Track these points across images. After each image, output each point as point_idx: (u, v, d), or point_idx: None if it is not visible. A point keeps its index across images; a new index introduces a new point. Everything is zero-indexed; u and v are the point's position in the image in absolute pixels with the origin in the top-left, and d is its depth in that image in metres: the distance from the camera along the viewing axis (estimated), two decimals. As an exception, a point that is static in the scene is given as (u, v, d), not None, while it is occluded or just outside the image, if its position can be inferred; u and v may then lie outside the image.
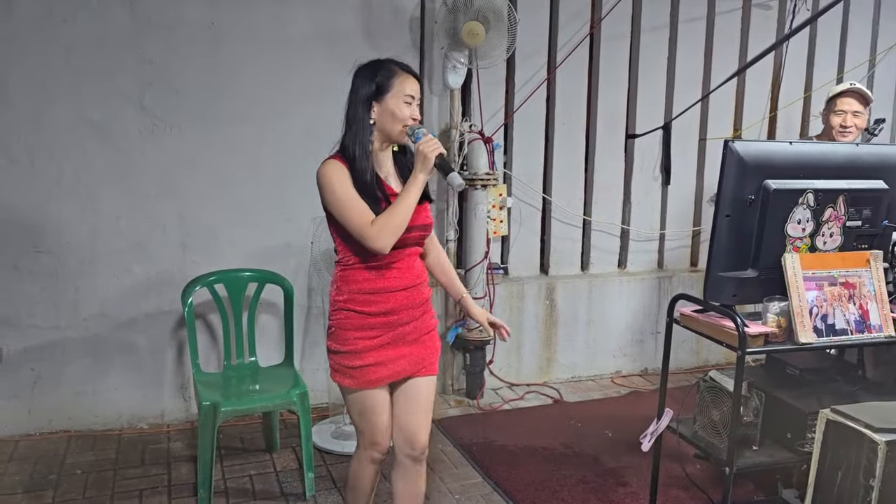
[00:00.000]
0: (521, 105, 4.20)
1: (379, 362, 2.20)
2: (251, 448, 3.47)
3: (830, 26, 4.87)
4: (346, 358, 2.21)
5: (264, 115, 3.68)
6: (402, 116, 2.13)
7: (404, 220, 2.09)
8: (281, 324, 3.56)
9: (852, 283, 2.43)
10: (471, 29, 3.65)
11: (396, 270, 2.20)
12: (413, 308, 2.24)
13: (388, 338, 2.21)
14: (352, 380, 2.22)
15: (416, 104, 2.17)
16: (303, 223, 3.68)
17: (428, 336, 2.31)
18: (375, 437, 2.28)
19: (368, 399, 2.24)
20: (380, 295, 2.19)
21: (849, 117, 3.39)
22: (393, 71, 2.16)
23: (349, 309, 2.20)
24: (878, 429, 1.93)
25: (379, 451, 2.31)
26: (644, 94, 4.50)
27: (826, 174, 2.45)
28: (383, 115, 2.14)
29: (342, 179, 2.11)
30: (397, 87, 2.13)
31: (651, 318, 4.60)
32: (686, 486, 3.06)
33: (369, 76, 2.16)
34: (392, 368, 2.23)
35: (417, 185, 2.10)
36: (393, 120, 2.14)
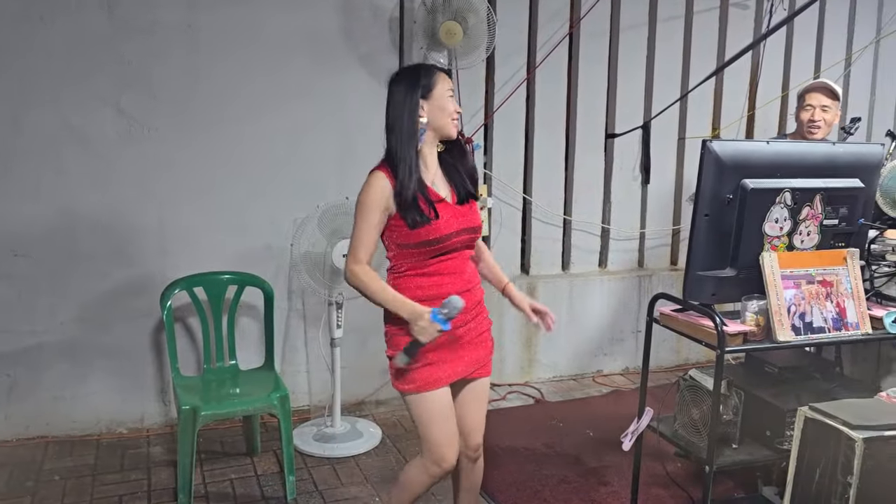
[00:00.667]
0: (500, 105, 4.20)
1: (436, 361, 2.19)
2: (232, 452, 3.44)
3: (807, 26, 4.92)
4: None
5: (244, 117, 3.65)
6: (450, 110, 2.21)
7: (366, 293, 2.16)
8: (261, 326, 3.54)
9: (829, 282, 2.45)
10: (448, 29, 3.64)
11: (448, 276, 2.21)
12: (468, 311, 2.22)
13: (443, 340, 2.17)
14: (412, 383, 2.19)
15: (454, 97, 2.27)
16: (283, 225, 3.66)
17: (482, 337, 2.34)
18: (441, 448, 2.20)
19: (432, 402, 2.19)
20: (433, 301, 2.14)
21: (817, 112, 3.41)
22: (433, 71, 2.25)
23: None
24: (855, 426, 1.95)
25: (444, 467, 2.22)
26: (623, 93, 4.52)
27: (803, 173, 2.47)
28: (434, 111, 2.20)
29: (376, 201, 2.15)
30: (440, 84, 2.21)
31: (632, 317, 4.62)
32: (667, 485, 3.07)
33: (413, 80, 2.21)
34: (451, 368, 2.23)
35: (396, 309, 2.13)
36: (443, 114, 2.21)
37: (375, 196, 2.15)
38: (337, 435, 3.52)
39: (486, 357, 2.34)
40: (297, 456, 3.33)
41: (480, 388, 2.36)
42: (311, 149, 3.78)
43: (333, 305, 3.47)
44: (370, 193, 2.16)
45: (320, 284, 3.39)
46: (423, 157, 2.23)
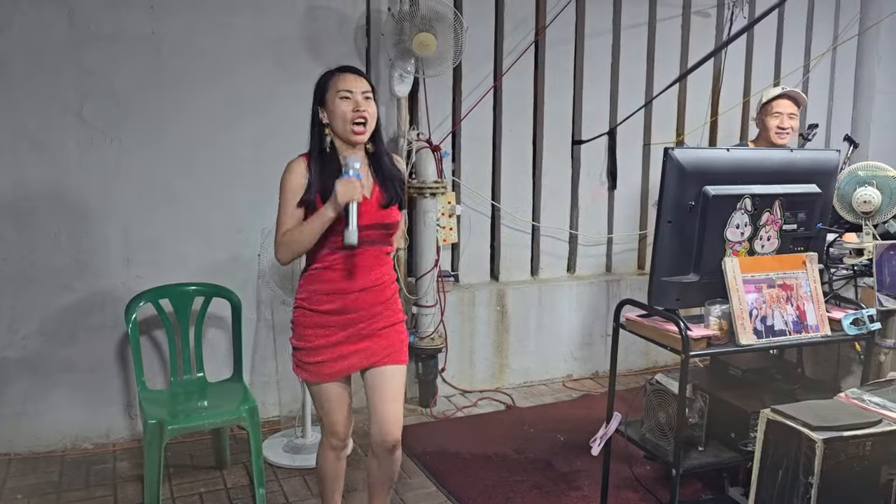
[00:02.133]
0: (468, 113, 4.22)
1: (333, 358, 2.32)
2: (200, 465, 3.40)
3: (766, 34, 5.02)
4: (303, 354, 2.36)
5: (209, 125, 3.62)
6: (340, 112, 2.24)
7: (302, 245, 2.24)
8: (229, 338, 3.51)
9: (789, 285, 2.51)
10: (421, 40, 3.64)
11: (354, 270, 2.29)
12: (372, 307, 2.33)
13: (342, 335, 2.32)
14: (308, 374, 2.36)
15: (361, 97, 2.25)
16: (251, 235, 3.63)
17: (392, 329, 2.39)
18: (332, 426, 2.42)
19: (324, 392, 2.37)
20: (336, 295, 2.30)
21: (785, 119, 3.52)
22: (329, 74, 2.31)
23: (306, 307, 2.34)
24: (815, 427, 1.99)
25: (337, 439, 2.43)
26: (589, 100, 4.57)
27: (762, 179, 2.53)
28: (330, 116, 2.27)
29: (293, 184, 2.27)
30: (332, 87, 2.26)
31: (601, 322, 4.66)
32: (636, 488, 3.11)
33: (315, 90, 2.33)
34: (347, 363, 2.34)
35: (322, 219, 2.20)
36: (336, 118, 2.25)
37: (292, 178, 2.27)
38: (307, 445, 3.50)
39: (394, 346, 2.39)
40: (268, 468, 3.30)
41: (389, 374, 2.39)
42: (278, 157, 3.67)
43: (302, 315, 3.45)
44: (288, 178, 2.28)
45: (289, 294, 3.36)
46: (342, 155, 2.28)
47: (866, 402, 2.18)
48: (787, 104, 3.54)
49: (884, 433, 2.03)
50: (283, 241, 2.25)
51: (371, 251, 2.31)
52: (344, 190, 2.15)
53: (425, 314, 4.01)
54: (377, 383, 2.39)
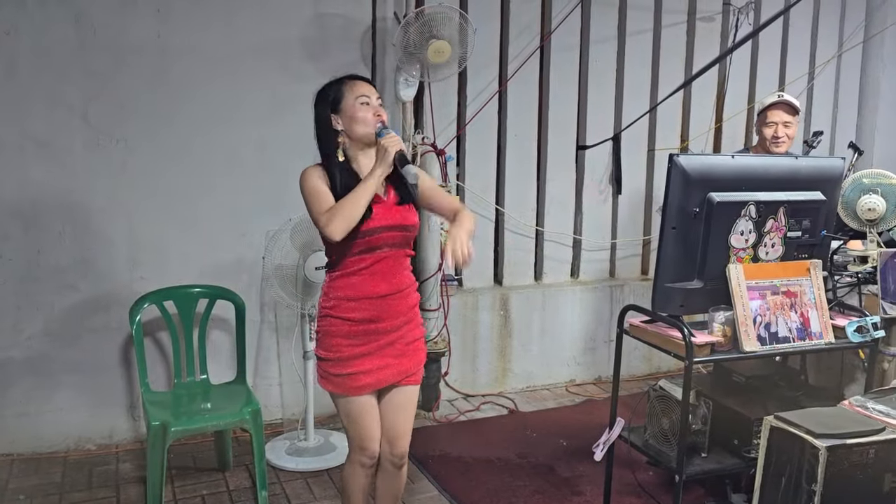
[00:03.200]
0: (473, 117, 4.23)
1: (363, 371, 2.27)
2: (203, 467, 3.40)
3: (771, 40, 5.02)
4: (331, 365, 2.29)
5: (215, 128, 3.63)
6: (362, 117, 2.24)
7: (357, 208, 2.16)
8: (233, 340, 3.51)
9: (794, 292, 2.51)
10: (437, 48, 3.64)
11: (379, 276, 2.27)
12: (397, 317, 2.30)
13: (372, 346, 2.28)
14: (336, 386, 2.30)
15: (377, 103, 2.28)
16: (256, 238, 3.64)
17: (413, 346, 2.37)
18: (363, 441, 2.35)
19: (355, 405, 2.31)
20: (362, 301, 2.26)
21: (780, 128, 3.50)
22: (341, 82, 2.31)
23: (333, 315, 2.28)
24: (819, 434, 1.99)
25: (368, 455, 2.37)
26: (594, 105, 4.57)
27: (767, 186, 2.53)
28: (347, 122, 2.26)
29: (315, 179, 2.24)
30: (348, 93, 2.26)
31: (604, 327, 4.66)
32: (638, 493, 3.10)
33: (324, 97, 2.31)
34: (376, 377, 2.29)
35: (375, 177, 2.18)
36: (356, 122, 2.25)
37: (314, 178, 2.24)
38: (310, 448, 3.50)
39: (415, 367, 2.38)
40: (270, 470, 3.31)
41: (407, 396, 2.40)
42: (284, 161, 3.75)
43: (306, 318, 3.46)
44: (310, 179, 2.25)
45: (293, 297, 3.38)
46: (357, 162, 2.30)
47: (870, 410, 2.18)
48: (781, 113, 3.50)
49: (887, 441, 2.03)
50: (335, 211, 2.16)
51: (392, 255, 2.29)
52: (389, 142, 2.17)
53: (429, 318, 4.01)
54: (396, 402, 2.38)
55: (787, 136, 3.50)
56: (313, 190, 2.23)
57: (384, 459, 2.42)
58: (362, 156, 2.31)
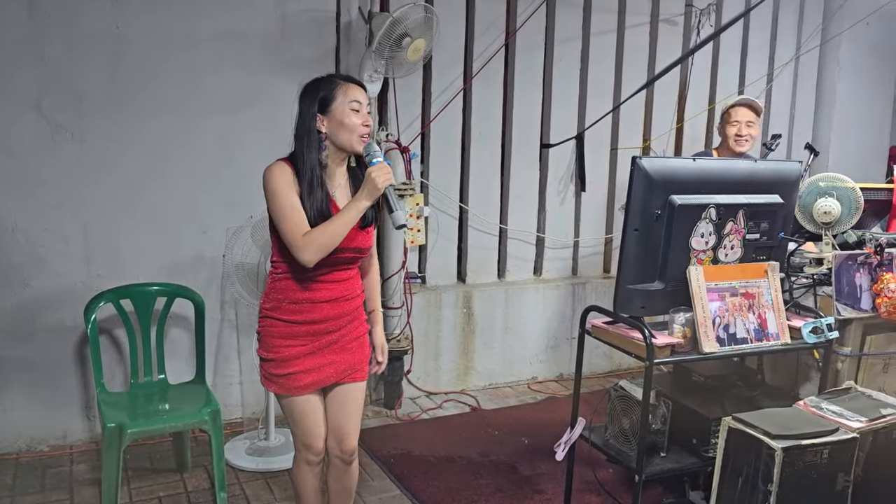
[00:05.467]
0: (437, 114, 4.21)
1: (304, 370, 2.24)
2: (161, 468, 3.34)
3: (732, 42, 5.10)
4: (272, 366, 2.26)
5: (175, 122, 3.55)
6: (351, 124, 2.14)
7: (335, 239, 2.09)
8: (192, 339, 3.45)
9: (752, 294, 2.54)
10: (416, 46, 3.61)
11: (327, 284, 2.23)
12: (339, 318, 2.27)
13: (313, 346, 2.25)
14: (278, 386, 2.27)
15: (366, 111, 2.19)
16: (216, 234, 3.58)
17: (356, 343, 2.34)
18: (307, 439, 2.33)
19: (297, 405, 2.29)
20: (305, 305, 2.22)
21: (743, 127, 3.59)
22: (334, 82, 2.19)
23: (274, 317, 2.25)
24: (775, 436, 2.03)
25: (313, 453, 2.35)
26: (558, 104, 4.59)
27: (727, 189, 2.56)
28: (333, 126, 2.15)
29: (284, 185, 2.12)
30: (341, 96, 2.15)
31: (566, 325, 4.69)
32: (599, 492, 3.14)
33: (312, 92, 2.19)
34: (318, 375, 2.27)
35: (358, 209, 2.10)
36: (343, 129, 2.15)
37: (282, 177, 2.13)
38: (270, 448, 3.46)
39: (359, 363, 2.35)
40: (230, 470, 3.27)
41: (353, 392, 2.37)
42: (246, 156, 3.70)
43: (267, 316, 3.41)
44: (275, 178, 2.13)
45: (253, 295, 3.33)
46: (331, 173, 2.21)
47: (824, 411, 2.23)
48: (745, 112, 3.60)
49: (840, 441, 2.08)
50: (310, 241, 2.08)
51: (342, 269, 2.25)
52: (380, 176, 2.06)
53: (392, 316, 4.00)
54: (341, 399, 2.35)
55: (749, 136, 3.58)
56: (283, 200, 2.11)
57: (333, 457, 2.40)
58: (337, 168, 2.22)
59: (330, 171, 2.21)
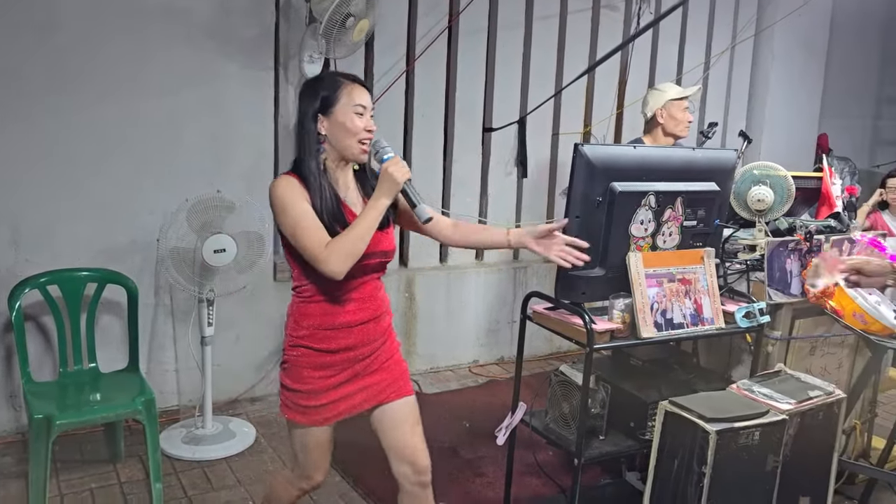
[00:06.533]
0: (380, 97, 4.15)
1: (334, 400, 2.09)
2: (92, 459, 3.24)
3: (670, 31, 5.18)
4: (300, 397, 2.08)
5: (107, 102, 3.41)
6: (354, 128, 1.98)
7: (361, 244, 1.94)
8: (125, 325, 3.34)
9: (688, 280, 2.60)
10: (361, 27, 3.54)
11: (358, 303, 2.08)
12: (373, 341, 2.13)
13: (347, 374, 2.09)
14: (304, 417, 2.10)
15: (370, 115, 2.04)
16: (149, 218, 3.47)
17: (392, 360, 2.19)
18: (311, 471, 2.19)
19: (314, 436, 2.13)
20: (340, 331, 2.06)
21: (688, 114, 3.68)
22: (338, 82, 2.02)
23: (307, 346, 2.07)
24: (709, 419, 2.08)
25: (312, 485, 2.22)
26: (500, 88, 4.59)
27: (666, 177, 2.59)
28: (334, 129, 2.00)
29: (295, 196, 1.96)
30: (344, 97, 1.99)
31: (507, 308, 4.73)
32: (539, 474, 3.18)
33: (313, 91, 2.03)
34: (349, 402, 2.11)
35: (378, 210, 1.95)
36: (345, 133, 1.99)
37: (290, 191, 1.96)
38: (208, 436, 3.39)
39: (399, 378, 2.19)
40: (165, 460, 3.19)
41: (404, 407, 2.19)
42: (180, 137, 3.59)
43: (204, 302, 3.33)
44: (283, 192, 1.96)
45: (190, 281, 3.24)
46: (333, 175, 2.05)
47: (755, 394, 2.30)
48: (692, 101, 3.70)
49: (770, 423, 2.15)
50: (336, 250, 1.91)
51: (370, 281, 2.11)
52: (397, 170, 1.93)
53: (333, 301, 3.95)
54: (396, 419, 2.18)
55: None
56: (300, 215, 1.94)
57: (407, 484, 2.19)
58: (340, 172, 2.07)
59: (333, 175, 2.05)
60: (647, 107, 3.78)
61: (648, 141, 3.79)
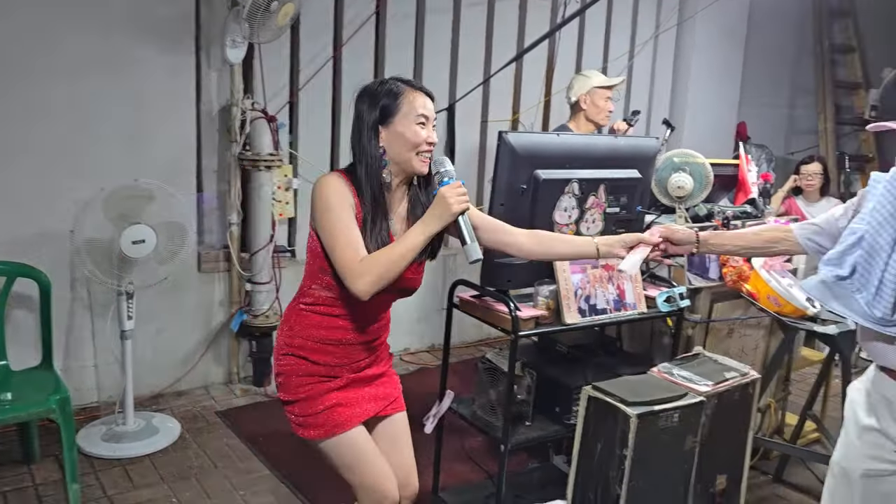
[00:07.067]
0: (307, 83, 4.08)
1: (340, 403, 1.95)
2: (5, 461, 3.09)
3: (596, 20, 5.25)
4: (303, 406, 1.94)
5: (19, 89, 3.23)
6: (415, 140, 1.86)
7: (395, 269, 1.78)
8: (38, 321, 3.20)
9: (611, 266, 2.64)
10: (286, 11, 3.45)
11: (361, 324, 1.96)
12: (370, 354, 2.04)
13: (343, 381, 1.97)
14: (318, 429, 1.94)
15: (433, 125, 1.91)
16: (62, 208, 3.32)
17: (386, 376, 2.12)
18: (376, 484, 1.96)
19: (348, 444, 1.94)
20: (338, 347, 1.95)
21: (610, 104, 3.75)
22: (399, 90, 1.88)
23: (299, 356, 1.94)
24: (630, 402, 2.12)
25: (391, 499, 1.99)
26: (429, 75, 4.56)
27: (589, 164, 2.63)
28: (394, 140, 1.86)
29: (343, 201, 1.81)
30: (406, 106, 1.86)
31: (437, 296, 4.72)
32: (467, 460, 3.20)
33: (372, 100, 1.88)
34: (358, 408, 1.98)
35: (424, 235, 1.80)
36: (406, 145, 1.86)
37: (339, 193, 1.82)
38: (129, 433, 3.29)
39: (394, 392, 2.13)
40: (84, 459, 3.07)
41: (401, 422, 2.12)
42: (96, 126, 3.44)
43: (123, 295, 3.21)
44: (332, 192, 1.82)
45: (107, 274, 3.12)
46: (391, 194, 1.92)
47: (675, 377, 2.35)
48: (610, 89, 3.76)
49: (689, 405, 2.20)
50: (372, 267, 1.76)
51: (382, 306, 2.02)
52: (454, 196, 1.79)
53: (259, 291, 3.88)
54: (390, 434, 2.09)
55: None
56: (339, 218, 1.79)
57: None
58: (397, 191, 1.94)
59: (392, 194, 1.93)
60: (572, 91, 3.84)
61: (573, 127, 3.84)
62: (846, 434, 1.95)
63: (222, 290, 3.91)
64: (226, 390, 3.90)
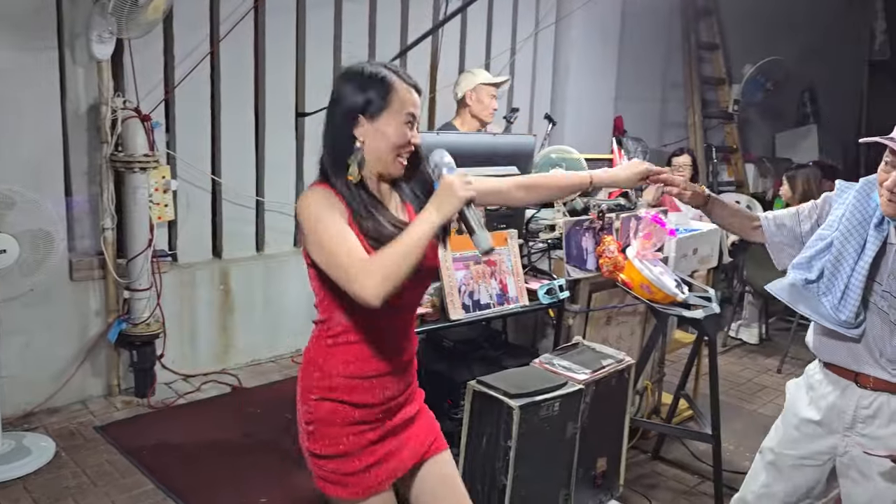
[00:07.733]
0: (182, 80, 3.93)
1: (378, 461, 1.74)
2: None
3: (478, 17, 5.33)
4: (340, 463, 1.73)
5: None
6: (400, 141, 1.67)
7: (405, 265, 1.54)
8: None
9: (494, 261, 2.71)
10: (156, 6, 3.30)
11: (396, 341, 1.76)
12: (407, 388, 1.83)
13: (383, 430, 1.76)
14: (347, 489, 1.73)
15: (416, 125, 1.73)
16: None
17: (421, 411, 1.89)
18: None
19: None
20: (379, 379, 1.73)
21: (494, 101, 3.84)
22: (391, 82, 1.67)
23: (335, 399, 1.72)
24: (513, 395, 2.20)
25: None
26: (312, 71, 4.50)
27: (471, 162, 2.65)
28: (375, 136, 1.66)
29: (329, 207, 1.62)
30: (397, 103, 1.66)
31: (326, 295, 4.69)
32: (362, 459, 3.20)
33: (358, 86, 1.67)
34: (394, 463, 1.77)
35: (431, 224, 1.58)
36: (388, 144, 1.67)
37: (325, 203, 1.63)
38: None
39: (432, 431, 1.89)
40: (-55, 487, 2.87)
41: (449, 464, 1.89)
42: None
43: (-15, 308, 3.01)
44: (316, 204, 1.62)
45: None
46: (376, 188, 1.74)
47: (555, 367, 2.45)
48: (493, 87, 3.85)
49: (568, 394, 2.30)
50: (375, 265, 1.55)
51: (409, 311, 1.80)
52: (462, 186, 1.59)
53: (139, 299, 3.72)
54: (444, 474, 1.86)
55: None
56: (327, 217, 1.60)
57: None
58: (379, 186, 1.75)
59: (377, 188, 1.74)
60: (459, 87, 3.91)
61: (458, 124, 3.89)
62: (784, 423, 2.08)
63: (98, 298, 3.73)
64: (105, 404, 3.73)
